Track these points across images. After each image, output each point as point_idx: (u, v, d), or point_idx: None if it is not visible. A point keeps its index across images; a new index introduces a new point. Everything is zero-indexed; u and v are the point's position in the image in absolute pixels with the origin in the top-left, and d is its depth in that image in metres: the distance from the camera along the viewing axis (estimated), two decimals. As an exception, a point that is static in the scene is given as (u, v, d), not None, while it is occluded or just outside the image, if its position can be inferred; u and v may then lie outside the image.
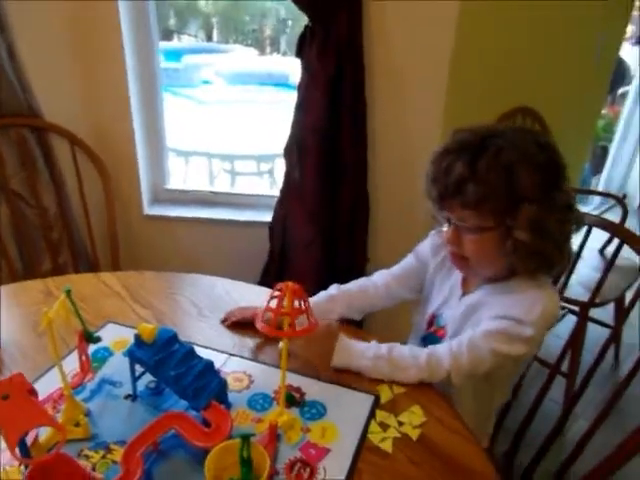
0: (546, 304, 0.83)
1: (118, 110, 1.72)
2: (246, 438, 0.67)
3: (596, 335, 1.86)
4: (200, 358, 0.80)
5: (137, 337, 0.79)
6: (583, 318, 1.70)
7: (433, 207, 0.90)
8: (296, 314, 0.69)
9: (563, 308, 2.01)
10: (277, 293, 0.69)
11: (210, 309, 1.06)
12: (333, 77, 1.47)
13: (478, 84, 1.69)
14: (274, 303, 0.70)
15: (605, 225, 1.04)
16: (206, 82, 6.45)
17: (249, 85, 6.06)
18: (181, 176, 3.41)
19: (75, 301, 0.77)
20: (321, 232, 1.61)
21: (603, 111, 3.83)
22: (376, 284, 1.08)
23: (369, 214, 1.69)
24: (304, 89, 1.54)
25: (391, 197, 1.73)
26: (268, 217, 1.79)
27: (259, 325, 0.71)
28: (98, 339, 0.82)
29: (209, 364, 0.79)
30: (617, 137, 3.66)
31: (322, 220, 1.61)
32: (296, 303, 0.70)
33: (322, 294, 1.06)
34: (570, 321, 1.93)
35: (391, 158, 1.67)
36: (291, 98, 1.61)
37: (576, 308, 1.76)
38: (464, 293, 0.95)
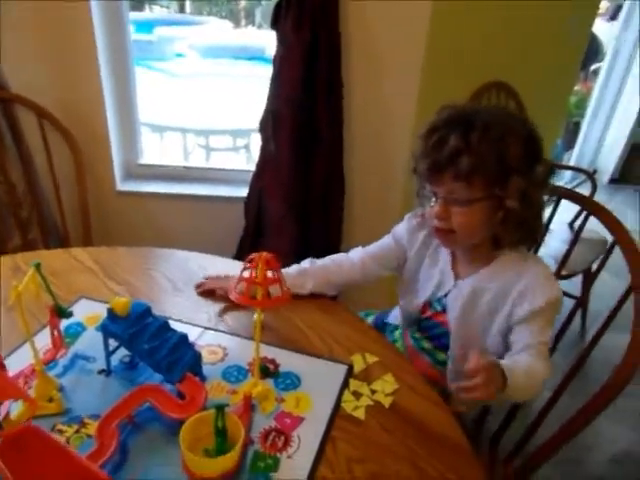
0: (549, 274, 0.90)
1: (88, 83, 1.66)
2: (220, 408, 0.68)
3: (566, 306, 1.92)
4: (174, 331, 0.80)
5: (110, 311, 0.78)
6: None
7: (420, 183, 0.91)
8: (269, 284, 0.69)
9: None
10: (250, 264, 0.70)
11: (185, 283, 1.06)
12: (308, 49, 1.45)
13: (453, 60, 1.69)
14: (247, 273, 0.70)
15: (574, 197, 1.06)
16: (180, 55, 6.27)
17: (224, 59, 5.91)
18: (156, 151, 3.35)
19: (46, 276, 0.75)
20: (294, 206, 1.61)
21: (576, 87, 3.87)
22: (352, 260, 1.07)
23: (344, 191, 1.70)
24: (279, 61, 1.52)
25: (367, 176, 1.74)
26: (244, 192, 1.78)
27: (232, 295, 0.72)
28: (70, 314, 0.81)
29: (183, 337, 0.79)
30: (588, 113, 3.72)
31: (295, 194, 1.61)
32: (269, 273, 0.70)
33: (294, 267, 1.06)
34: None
35: (367, 135, 1.67)
36: (267, 72, 1.59)
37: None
38: (457, 276, 0.96)
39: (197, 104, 3.80)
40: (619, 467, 1.63)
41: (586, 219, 1.03)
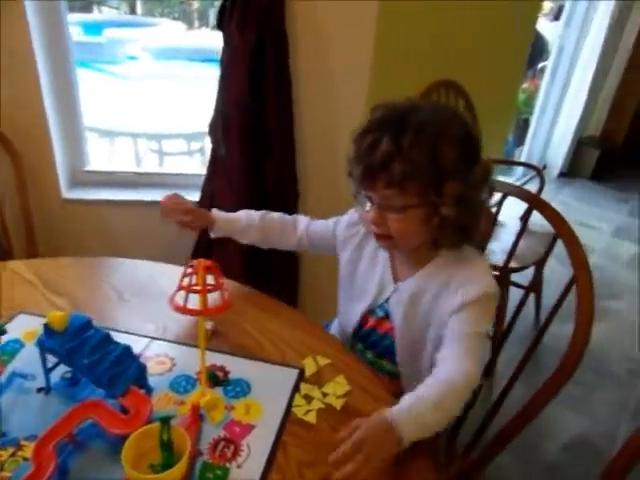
0: (485, 270, 0.89)
1: (25, 87, 1.59)
2: (165, 421, 0.66)
3: (518, 298, 1.98)
4: (117, 344, 0.77)
5: (47, 326, 0.75)
6: (501, 281, 1.80)
7: (355, 187, 0.88)
8: (208, 291, 0.68)
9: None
10: (189, 270, 0.68)
11: (132, 293, 1.03)
12: (254, 50, 1.43)
13: (402, 59, 1.71)
14: (186, 281, 0.68)
15: (520, 194, 1.08)
16: (132, 58, 6.12)
17: (177, 61, 5.81)
18: (106, 157, 3.25)
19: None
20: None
21: (524, 85, 4.00)
22: (295, 231, 1.11)
23: (298, 194, 1.69)
24: (226, 63, 1.49)
25: (320, 177, 1.73)
26: (196, 197, 1.74)
27: (171, 304, 0.69)
28: (3, 331, 0.77)
29: (126, 349, 0.77)
30: (537, 110, 3.84)
31: (247, 198, 1.59)
32: (209, 279, 0.68)
33: (245, 216, 1.11)
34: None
35: (318, 136, 1.66)
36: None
37: (496, 273, 1.86)
38: (397, 279, 0.94)
39: (149, 108, 3.72)
40: (572, 453, 1.68)
41: (529, 214, 1.06)
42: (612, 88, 3.86)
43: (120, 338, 0.81)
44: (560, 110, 3.83)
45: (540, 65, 4.25)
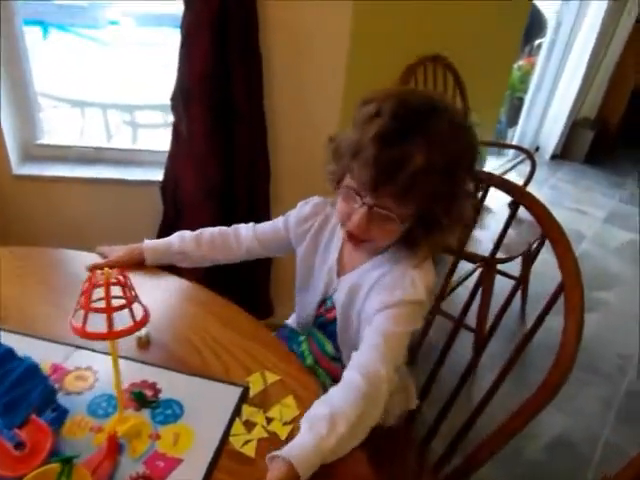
0: (418, 279, 0.80)
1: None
2: (67, 462, 0.55)
3: (506, 288, 1.88)
4: (20, 360, 0.65)
5: None
6: (489, 272, 1.70)
7: (337, 175, 0.80)
8: (115, 310, 0.55)
9: (474, 262, 2.01)
10: (90, 283, 0.55)
11: (61, 291, 0.90)
12: (218, 14, 1.28)
13: (385, 30, 1.56)
14: (87, 297, 0.56)
15: (505, 186, 0.97)
16: (113, 23, 5.85)
17: (160, 27, 5.55)
18: (78, 130, 3.07)
19: None
20: (212, 192, 1.46)
21: (520, 62, 3.84)
22: (238, 242, 1.02)
23: (270, 173, 1.55)
24: (187, 28, 1.33)
25: (294, 154, 1.60)
26: (161, 175, 1.60)
27: (70, 326, 0.57)
28: None
29: (31, 367, 0.65)
30: (531, 89, 3.70)
31: (213, 179, 1.45)
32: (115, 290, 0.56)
33: (177, 240, 1.01)
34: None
35: (292, 111, 1.53)
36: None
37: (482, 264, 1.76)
38: (340, 272, 0.90)
39: (125, 76, 3.51)
40: (553, 454, 1.61)
41: (516, 210, 0.94)
42: (610, 67, 3.72)
43: (37, 346, 0.70)
44: (555, 90, 3.69)
45: (537, 42, 4.09)
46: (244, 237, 1.02)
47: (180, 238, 1.02)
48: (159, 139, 3.08)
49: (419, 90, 0.75)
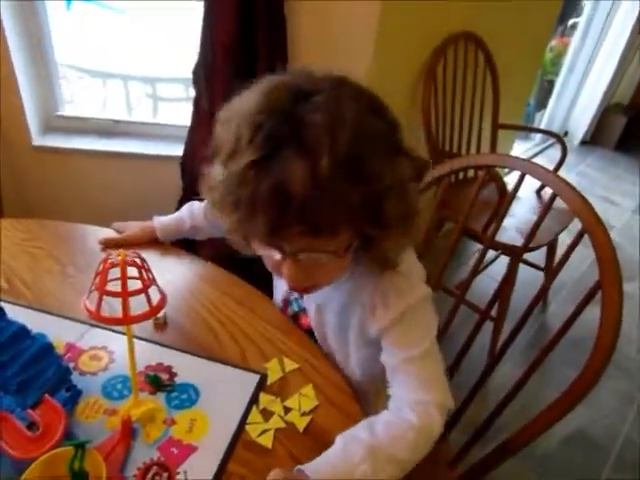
0: (410, 272, 0.70)
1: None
2: (79, 446, 0.53)
3: (525, 275, 1.83)
4: (33, 339, 0.63)
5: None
6: (515, 263, 1.64)
7: (252, 243, 0.63)
8: (130, 294, 0.53)
9: (496, 249, 1.96)
10: (105, 265, 0.53)
11: (77, 267, 0.88)
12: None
13: (416, 4, 1.49)
14: (103, 279, 0.53)
15: (538, 173, 0.91)
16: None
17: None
18: (100, 102, 3.04)
19: None
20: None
21: (553, 43, 3.69)
22: None
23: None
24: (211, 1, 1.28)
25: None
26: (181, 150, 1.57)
27: (83, 308, 0.55)
28: None
29: (45, 346, 0.63)
30: (563, 71, 3.56)
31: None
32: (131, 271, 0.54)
33: (187, 216, 0.97)
34: (501, 262, 1.89)
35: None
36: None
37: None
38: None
39: (145, 47, 3.46)
40: (570, 448, 1.58)
41: (552, 200, 0.89)
42: (647, 50, 3.55)
43: (51, 323, 0.68)
44: (589, 72, 3.54)
45: (571, 21, 3.92)
46: None
47: (189, 212, 0.98)
48: (180, 113, 3.06)
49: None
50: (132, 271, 0.55)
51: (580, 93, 3.63)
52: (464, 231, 1.12)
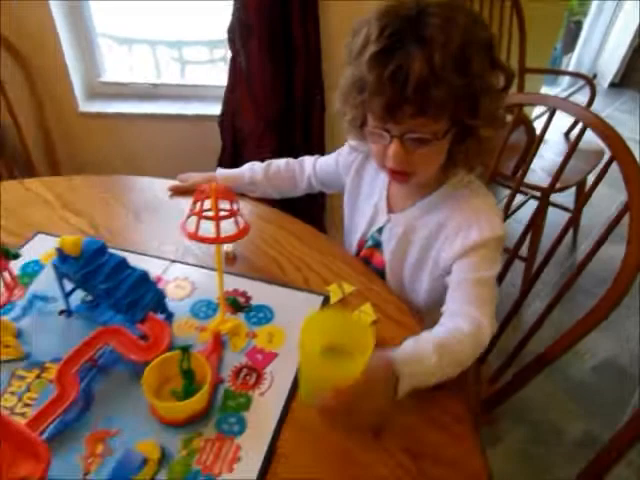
0: (492, 211, 0.79)
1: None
2: (185, 350, 0.64)
3: (556, 218, 1.88)
4: (133, 269, 0.74)
5: (60, 250, 0.72)
6: (543, 204, 1.69)
7: (357, 119, 0.77)
8: (221, 218, 0.62)
9: (525, 194, 2.01)
10: (201, 195, 0.62)
11: (149, 213, 0.99)
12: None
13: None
14: (199, 207, 0.63)
15: (569, 108, 0.96)
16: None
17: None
18: (125, 67, 3.10)
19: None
20: (272, 124, 1.50)
21: (580, -19, 3.58)
22: (302, 173, 1.06)
23: (325, 101, 1.57)
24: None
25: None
26: (219, 110, 1.65)
27: (183, 231, 0.65)
28: (17, 255, 0.74)
29: (143, 274, 0.73)
30: (591, 11, 3.46)
31: (272, 111, 1.49)
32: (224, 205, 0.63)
33: (248, 172, 1.06)
34: (531, 207, 1.94)
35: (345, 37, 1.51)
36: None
37: (537, 194, 1.76)
38: (391, 209, 0.88)
39: (169, 11, 3.47)
40: (599, 375, 1.67)
41: (582, 133, 0.94)
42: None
43: (137, 260, 0.78)
44: (618, 12, 3.43)
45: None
46: (307, 168, 1.06)
47: (250, 169, 1.07)
48: (206, 74, 3.11)
49: None
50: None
51: (609, 34, 3.54)
52: (493, 175, 1.18)
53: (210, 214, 0.62)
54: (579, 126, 0.95)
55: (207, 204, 0.63)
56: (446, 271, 0.80)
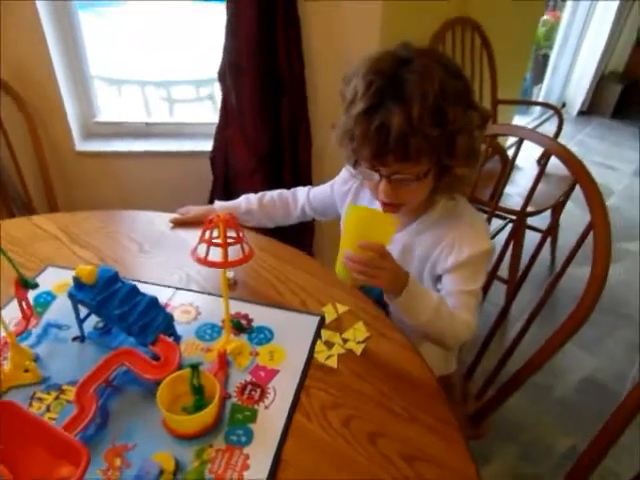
0: (480, 227, 0.91)
1: (29, 36, 1.55)
2: (195, 367, 0.70)
3: (536, 242, 1.97)
4: (143, 295, 0.80)
5: (76, 279, 0.78)
6: (519, 226, 1.80)
7: (352, 159, 0.88)
8: (229, 244, 0.69)
9: (504, 218, 2.11)
10: (210, 224, 0.69)
11: (152, 245, 1.05)
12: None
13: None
14: (207, 235, 0.70)
15: (536, 139, 1.06)
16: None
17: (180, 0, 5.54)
18: (115, 107, 3.20)
19: (9, 247, 0.74)
20: (263, 160, 1.59)
21: (545, 17, 3.80)
22: (296, 203, 1.15)
23: (311, 135, 1.66)
24: (233, 6, 1.44)
25: (332, 115, 1.70)
26: (209, 146, 1.73)
27: (194, 257, 0.71)
28: (36, 285, 0.80)
29: (153, 300, 0.80)
30: (557, 44, 3.68)
31: (263, 147, 1.58)
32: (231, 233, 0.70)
33: (244, 202, 1.15)
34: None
35: (329, 77, 1.62)
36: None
37: (514, 217, 1.86)
38: None
39: (155, 53, 3.61)
40: (583, 393, 1.74)
41: (547, 161, 1.04)
42: (638, 19, 3.66)
43: (145, 289, 0.84)
44: (582, 44, 3.66)
45: (561, -6, 4.02)
46: (300, 197, 1.15)
47: (246, 199, 1.16)
48: (193, 111, 3.22)
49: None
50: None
51: (575, 64, 3.75)
52: (472, 201, 1.27)
53: (218, 241, 0.69)
54: (543, 152, 1.05)
55: (215, 232, 0.70)
56: (438, 279, 0.91)
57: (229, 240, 0.70)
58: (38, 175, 1.58)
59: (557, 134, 2.01)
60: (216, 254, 0.72)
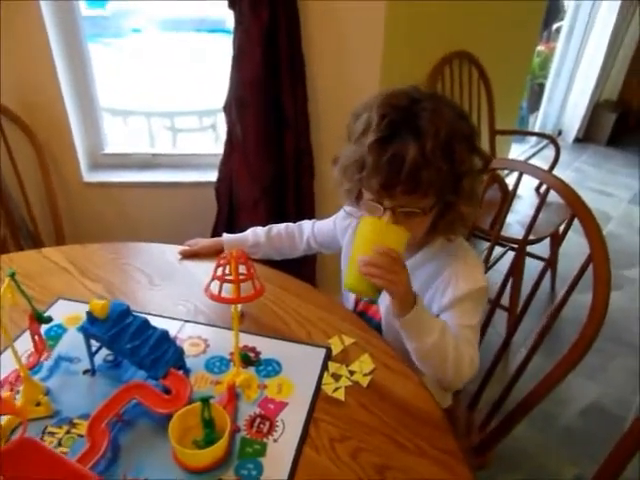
0: (476, 264, 0.92)
1: (40, 68, 1.60)
2: (205, 401, 0.71)
3: (536, 270, 2.00)
4: (155, 328, 0.82)
5: (89, 314, 0.79)
6: (520, 255, 1.82)
7: (353, 191, 0.89)
8: (241, 281, 0.72)
9: (504, 246, 2.14)
10: (222, 261, 0.72)
11: (162, 277, 1.07)
12: (268, 28, 1.43)
13: (414, 33, 1.70)
14: (220, 271, 0.72)
15: (533, 172, 1.10)
16: (136, 30, 6.03)
17: (183, 32, 5.71)
18: (120, 138, 3.27)
19: (21, 280, 0.76)
20: (267, 190, 1.62)
21: (539, 48, 3.90)
22: (302, 236, 1.17)
23: (314, 168, 1.70)
24: (239, 43, 1.49)
25: (334, 149, 1.74)
26: (214, 176, 1.77)
27: (207, 294, 0.74)
28: (49, 319, 0.81)
29: (164, 333, 0.81)
30: (552, 73, 3.77)
31: (267, 178, 1.61)
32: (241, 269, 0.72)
33: (251, 235, 1.16)
34: (511, 258, 2.07)
35: (332, 111, 1.67)
36: (228, 44, 1.55)
37: (515, 245, 1.89)
38: None
39: (159, 83, 3.69)
40: (588, 420, 1.73)
41: (546, 194, 1.07)
42: (630, 48, 3.76)
43: (155, 321, 0.86)
44: (576, 73, 3.75)
45: (555, 26, 4.13)
46: (306, 231, 1.17)
47: (253, 232, 1.18)
48: (196, 142, 3.29)
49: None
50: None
51: (570, 93, 3.84)
52: (473, 230, 1.30)
53: (230, 278, 0.71)
54: (544, 186, 1.08)
55: (227, 269, 0.73)
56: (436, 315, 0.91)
57: (240, 277, 0.72)
58: (45, 205, 1.60)
59: (553, 165, 2.05)
60: (227, 289, 0.74)
